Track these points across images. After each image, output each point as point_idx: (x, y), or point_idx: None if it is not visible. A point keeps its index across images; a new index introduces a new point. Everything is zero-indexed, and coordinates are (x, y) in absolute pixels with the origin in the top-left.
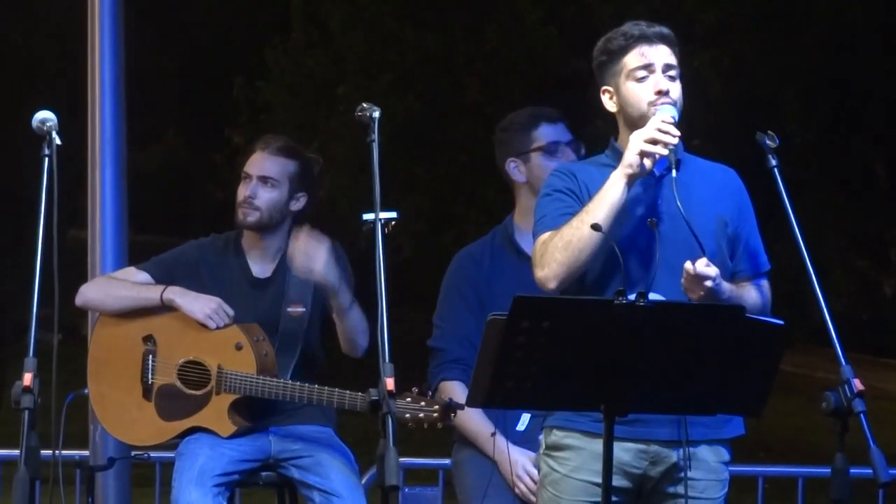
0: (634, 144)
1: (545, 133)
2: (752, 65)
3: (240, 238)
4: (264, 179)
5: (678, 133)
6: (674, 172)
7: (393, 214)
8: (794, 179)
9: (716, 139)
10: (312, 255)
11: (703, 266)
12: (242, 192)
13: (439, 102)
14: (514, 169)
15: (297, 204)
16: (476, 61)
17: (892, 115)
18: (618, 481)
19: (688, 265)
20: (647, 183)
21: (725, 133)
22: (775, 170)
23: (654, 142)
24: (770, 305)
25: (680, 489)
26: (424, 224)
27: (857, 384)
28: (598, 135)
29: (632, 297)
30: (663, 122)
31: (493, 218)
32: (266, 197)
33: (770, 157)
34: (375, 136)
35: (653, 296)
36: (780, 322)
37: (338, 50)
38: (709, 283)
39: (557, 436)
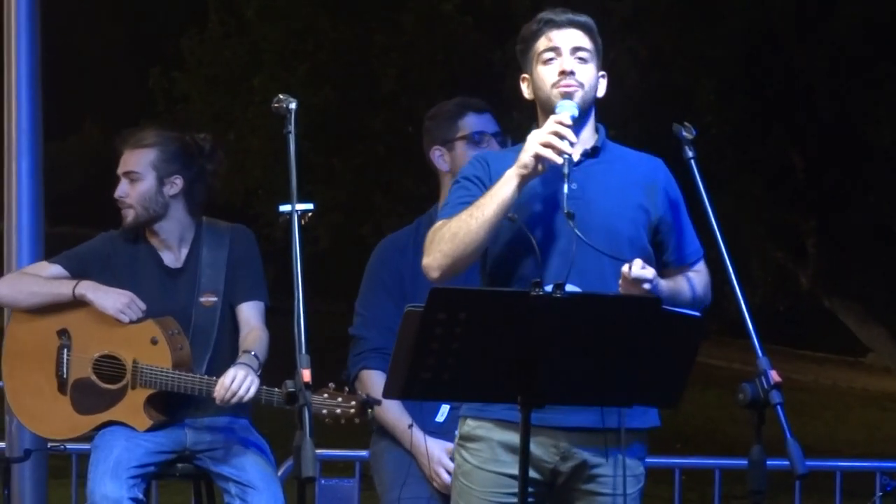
0: (530, 146)
1: (470, 122)
2: (669, 56)
3: (145, 231)
4: (127, 175)
5: (574, 140)
6: (565, 188)
7: (309, 206)
8: (711, 170)
9: (632, 130)
10: (242, 396)
11: (639, 269)
12: (116, 194)
13: (356, 93)
14: (439, 157)
15: (173, 188)
16: (392, 52)
17: (808, 105)
18: (530, 473)
19: (624, 269)
20: (559, 171)
21: (642, 124)
22: (692, 161)
23: (550, 146)
24: (707, 290)
25: (591, 486)
26: (341, 215)
27: (774, 376)
28: (514, 126)
29: (548, 288)
30: (560, 123)
31: (410, 208)
32: (134, 192)
33: (687, 148)
34: (292, 127)
35: (569, 287)
36: (697, 314)
37: (254, 41)
38: (647, 287)
39: (470, 426)
